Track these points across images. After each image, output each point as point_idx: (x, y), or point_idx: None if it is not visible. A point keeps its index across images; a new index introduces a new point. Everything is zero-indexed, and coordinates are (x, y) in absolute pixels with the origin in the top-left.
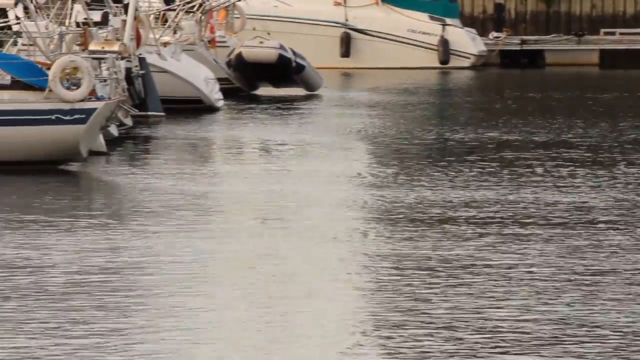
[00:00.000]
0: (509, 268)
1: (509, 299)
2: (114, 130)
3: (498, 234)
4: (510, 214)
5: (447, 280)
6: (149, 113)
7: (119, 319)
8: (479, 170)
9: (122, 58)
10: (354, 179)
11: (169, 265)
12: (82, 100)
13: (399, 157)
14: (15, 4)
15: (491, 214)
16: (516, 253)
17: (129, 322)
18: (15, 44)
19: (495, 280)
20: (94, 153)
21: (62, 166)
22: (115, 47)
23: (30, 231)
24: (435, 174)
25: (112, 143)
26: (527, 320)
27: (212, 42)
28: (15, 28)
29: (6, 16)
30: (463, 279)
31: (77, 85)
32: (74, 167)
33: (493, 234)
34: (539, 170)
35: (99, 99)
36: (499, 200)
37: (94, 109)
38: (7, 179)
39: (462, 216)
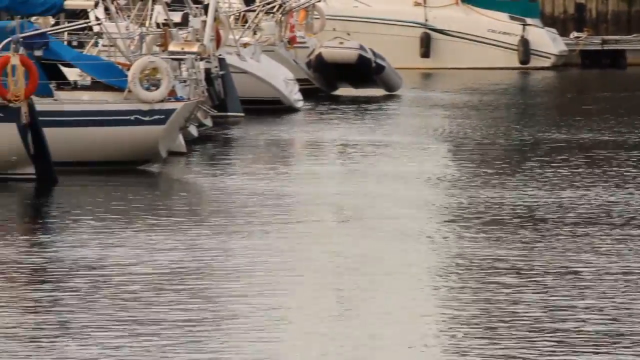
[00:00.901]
0: (602, 271)
1: (604, 299)
2: (193, 130)
3: (587, 235)
4: (598, 215)
5: (536, 284)
6: (229, 114)
7: (200, 321)
8: (563, 170)
9: (202, 59)
10: (433, 179)
11: (248, 266)
12: (161, 101)
13: (478, 158)
14: (96, 5)
15: (580, 215)
16: (607, 254)
17: (208, 323)
18: (96, 45)
19: (590, 281)
20: (173, 154)
21: (142, 167)
22: (195, 48)
23: (111, 231)
24: (516, 174)
25: (192, 143)
26: (609, 321)
27: (292, 41)
28: (96, 29)
29: (87, 17)
30: (548, 283)
31: (157, 86)
32: (153, 167)
33: (582, 236)
34: (632, 171)
35: (178, 99)
36: (587, 201)
37: (173, 110)
38: (88, 179)
39: (550, 218)
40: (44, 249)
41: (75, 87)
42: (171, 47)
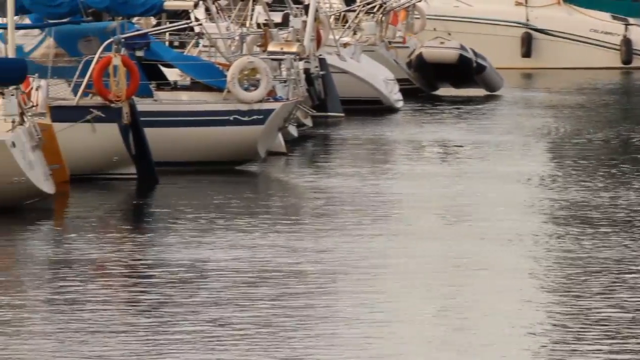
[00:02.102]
0: None
1: None
2: (293, 130)
3: None
4: None
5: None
6: (329, 114)
7: (303, 322)
8: None
9: (301, 59)
10: (534, 179)
11: (348, 267)
12: (260, 101)
13: (579, 158)
14: (195, 6)
15: None
16: None
17: (311, 324)
18: (197, 45)
19: None
20: (273, 153)
21: (241, 167)
22: (294, 49)
23: (211, 231)
24: (618, 174)
25: (292, 143)
26: None
27: (403, 40)
28: (197, 30)
29: (189, 18)
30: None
31: (256, 86)
32: (252, 167)
33: None
34: None
35: (277, 99)
36: None
37: (272, 110)
38: (187, 179)
39: None
40: (146, 249)
41: (175, 87)
42: (270, 48)
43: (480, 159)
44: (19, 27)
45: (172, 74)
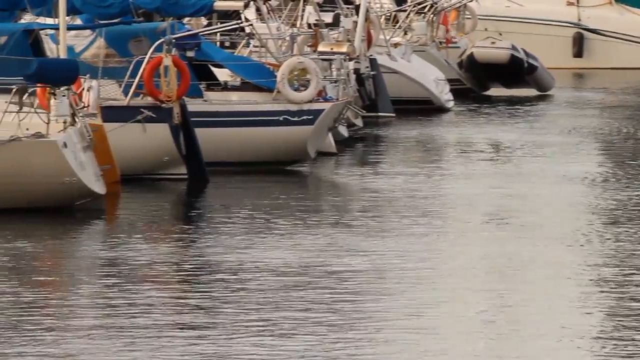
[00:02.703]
0: None
1: None
2: (344, 131)
3: None
4: None
5: None
6: (379, 114)
7: (353, 323)
8: None
9: (351, 59)
10: (583, 179)
11: (398, 267)
12: (309, 102)
13: (631, 158)
14: (246, 6)
15: None
16: None
17: (364, 324)
18: (247, 45)
19: None
20: (323, 154)
21: (291, 167)
22: (344, 49)
23: (261, 231)
24: None
25: (342, 144)
26: None
27: (446, 41)
28: (247, 30)
29: (240, 18)
30: None
31: (306, 86)
32: (302, 168)
33: None
34: None
35: (326, 100)
36: None
37: (322, 110)
38: (237, 179)
39: None
40: (195, 250)
41: (225, 87)
42: (320, 48)
43: (532, 159)
44: (70, 28)
45: (223, 74)
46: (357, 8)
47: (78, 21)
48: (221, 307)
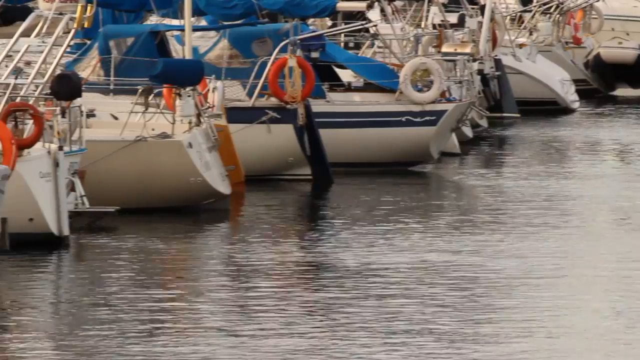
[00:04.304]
0: None
1: None
2: (468, 131)
3: None
4: None
5: None
6: (504, 114)
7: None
8: None
9: (474, 60)
10: None
11: (523, 268)
12: (432, 102)
13: None
14: (370, 7)
15: None
16: None
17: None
18: (371, 46)
19: None
20: (446, 154)
21: (413, 168)
22: (468, 49)
23: (383, 232)
24: None
25: (467, 144)
26: None
27: (575, 41)
28: (372, 31)
29: (364, 19)
30: None
31: (429, 87)
32: (425, 168)
33: None
34: None
35: (449, 100)
36: None
37: (445, 111)
38: (361, 180)
39: None
40: (319, 250)
41: (348, 88)
42: (444, 48)
43: None
44: (195, 29)
45: (346, 75)
46: (482, 8)
47: (203, 22)
48: (343, 306)
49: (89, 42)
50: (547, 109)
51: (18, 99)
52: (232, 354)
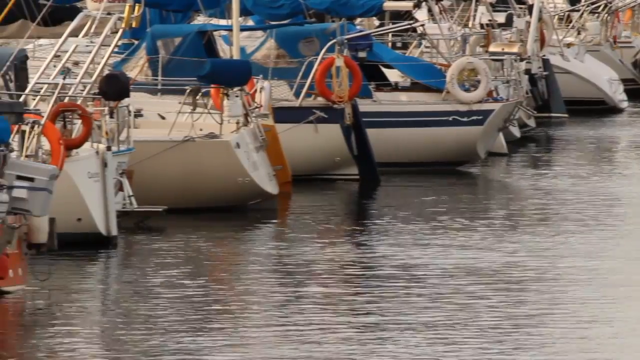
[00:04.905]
0: None
1: None
2: (516, 131)
3: None
4: None
5: None
6: (552, 114)
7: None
8: None
9: (522, 59)
10: None
11: (571, 268)
12: (479, 102)
13: None
14: (415, 6)
15: None
16: None
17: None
18: (419, 45)
19: None
20: (494, 154)
21: (460, 167)
22: (515, 49)
23: (430, 232)
24: None
25: (514, 144)
26: None
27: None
28: (419, 30)
29: (412, 18)
30: None
31: (475, 86)
32: (472, 168)
33: None
34: None
35: (496, 100)
36: None
37: (491, 111)
38: (407, 180)
39: None
40: (365, 250)
41: (395, 88)
42: (492, 48)
43: None
44: (243, 29)
45: (393, 75)
46: (530, 8)
47: (249, 22)
48: (391, 306)
49: (136, 42)
50: (595, 108)
51: (66, 99)
52: (279, 351)
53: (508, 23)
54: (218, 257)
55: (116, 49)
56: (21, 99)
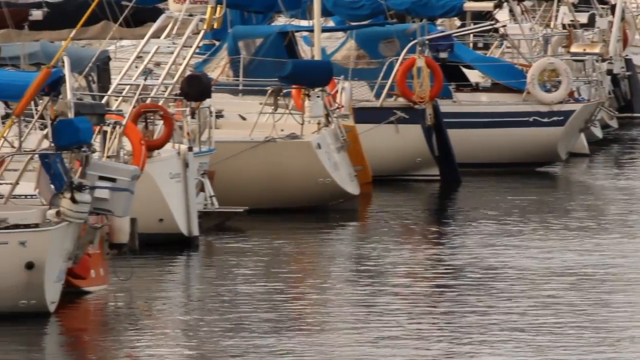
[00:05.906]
0: None
1: None
2: (598, 132)
3: None
4: None
5: None
6: (635, 115)
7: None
8: None
9: (603, 60)
10: None
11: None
12: (560, 103)
13: None
14: (497, 7)
15: None
16: None
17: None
18: (500, 46)
19: None
20: (575, 155)
21: (541, 168)
22: (597, 49)
23: (511, 233)
24: None
25: (596, 145)
26: None
27: None
28: (501, 31)
29: (493, 19)
30: None
31: (556, 87)
32: (553, 169)
33: None
34: None
35: (577, 100)
36: None
37: (572, 112)
38: (488, 180)
39: None
40: (446, 251)
41: (476, 88)
42: (573, 49)
43: None
44: (324, 30)
45: (474, 76)
46: (613, 8)
47: (330, 23)
48: (474, 308)
49: (218, 43)
50: None
51: (148, 100)
52: (360, 351)
53: (590, 23)
54: (298, 258)
55: (198, 50)
56: (103, 100)
